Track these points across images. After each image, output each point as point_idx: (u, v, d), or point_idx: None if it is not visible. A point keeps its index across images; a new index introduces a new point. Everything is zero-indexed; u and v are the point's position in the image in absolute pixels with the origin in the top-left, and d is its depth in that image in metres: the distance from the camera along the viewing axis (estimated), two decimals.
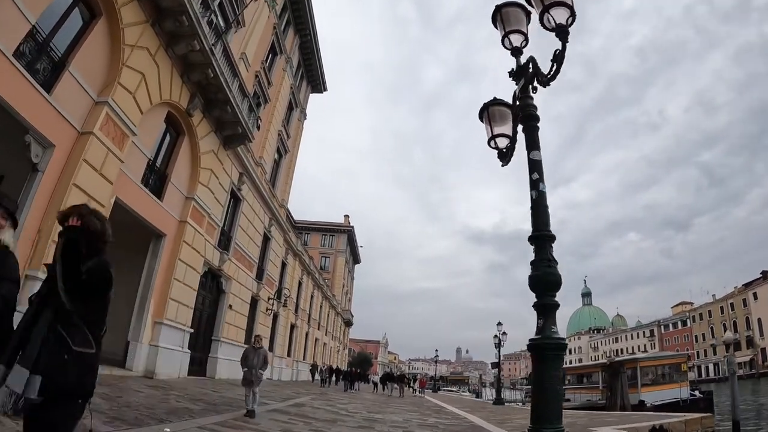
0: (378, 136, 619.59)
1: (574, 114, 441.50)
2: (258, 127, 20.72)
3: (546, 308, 3.70)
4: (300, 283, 34.99)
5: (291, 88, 28.53)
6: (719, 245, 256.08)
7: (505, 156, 4.51)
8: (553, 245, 3.85)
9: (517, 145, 4.50)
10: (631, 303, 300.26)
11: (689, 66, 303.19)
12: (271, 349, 27.09)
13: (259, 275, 22.80)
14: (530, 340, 3.71)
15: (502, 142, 4.50)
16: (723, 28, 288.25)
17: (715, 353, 75.49)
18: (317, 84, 34.66)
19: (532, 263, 3.86)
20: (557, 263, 3.78)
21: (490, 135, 4.50)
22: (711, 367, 77.29)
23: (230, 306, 18.53)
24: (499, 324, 27.01)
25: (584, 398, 26.35)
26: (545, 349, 3.60)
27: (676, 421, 10.96)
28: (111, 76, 10.68)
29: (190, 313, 15.01)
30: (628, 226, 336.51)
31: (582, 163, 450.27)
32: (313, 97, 35.28)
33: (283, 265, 29.48)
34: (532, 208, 3.97)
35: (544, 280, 3.75)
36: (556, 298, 3.75)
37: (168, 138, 14.38)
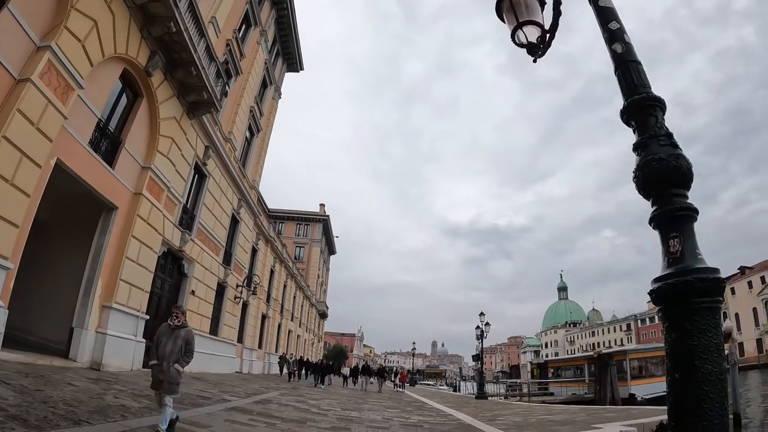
0: (357, 130, 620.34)
1: (553, 111, 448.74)
2: (226, 94, 19.32)
3: (680, 219, 2.24)
4: (272, 272, 33.54)
5: (265, 63, 27.17)
6: None
7: (536, 49, 3.29)
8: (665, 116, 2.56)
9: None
10: (606, 298, 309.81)
11: (669, 67, 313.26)
12: (240, 340, 25.70)
13: (227, 260, 21.35)
14: (658, 280, 2.20)
15: (532, 33, 3.25)
16: (703, 31, 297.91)
17: None
18: (293, 62, 33.44)
19: (637, 146, 2.54)
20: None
21: (515, 24, 3.23)
22: None
23: (193, 292, 17.09)
24: (482, 314, 26.11)
25: (570, 392, 25.70)
26: (694, 293, 2.04)
27: None
28: (57, 18, 9.26)
29: (146, 298, 13.56)
30: (604, 222, 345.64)
31: (559, 159, 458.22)
32: (292, 86, 34.05)
33: (254, 251, 28.02)
34: (619, 68, 2.74)
35: (668, 169, 2.31)
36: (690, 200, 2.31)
37: (124, 100, 12.88)
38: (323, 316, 69.91)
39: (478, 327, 26.26)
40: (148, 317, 13.58)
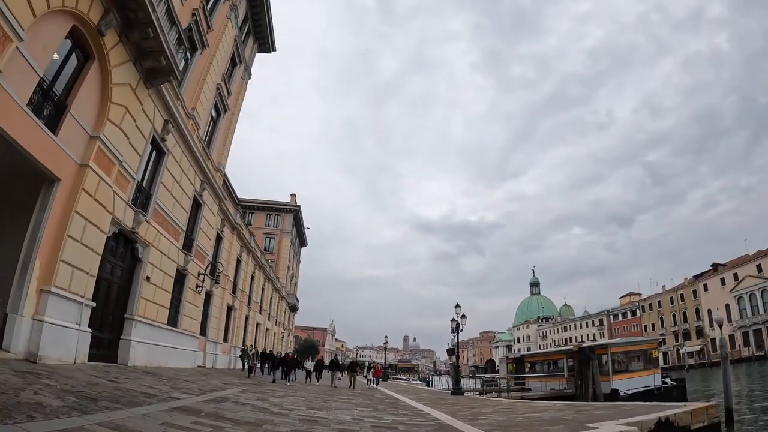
0: (329, 124, 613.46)
1: (526, 110, 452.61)
2: (188, 62, 18.11)
3: None
4: (239, 261, 32.24)
5: (235, 40, 25.94)
6: (661, 242, 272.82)
7: None
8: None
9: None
10: (576, 294, 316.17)
11: (639, 70, 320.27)
12: (204, 332, 24.48)
13: (188, 246, 20.10)
14: None
15: None
16: (674, 36, 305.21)
17: (664, 343, 77.82)
18: (265, 42, 32.28)
19: None
20: None
21: None
22: (660, 356, 79.80)
23: (148, 278, 15.85)
24: (458, 306, 25.38)
25: (548, 387, 25.24)
26: None
27: (681, 411, 9.99)
28: None
29: (92, 283, 12.34)
30: (574, 220, 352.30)
31: (530, 157, 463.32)
32: (264, 78, 32.81)
33: (219, 238, 26.76)
34: None
35: None
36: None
37: (73, 61, 11.66)
38: (294, 309, 68.68)
39: (453, 319, 25.54)
40: (94, 304, 12.39)
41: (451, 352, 36.04)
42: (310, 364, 27.94)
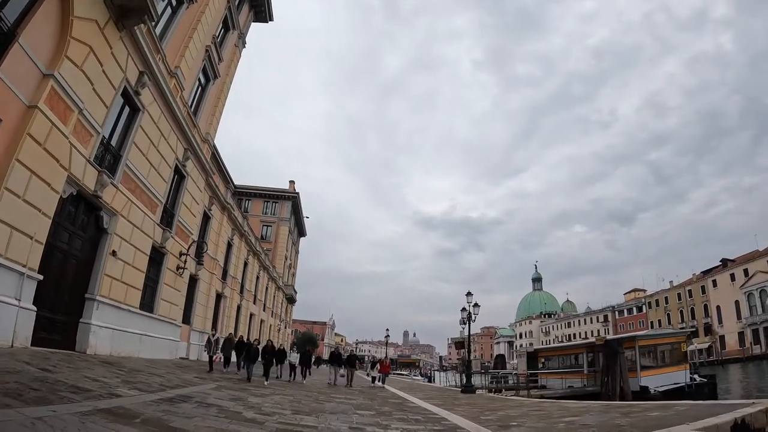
0: (333, 121, 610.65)
1: (529, 108, 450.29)
2: (171, 12, 16.03)
3: None
4: (230, 245, 30.06)
5: (228, 2, 23.72)
6: (661, 240, 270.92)
7: None
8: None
9: None
10: (576, 291, 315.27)
11: (643, 69, 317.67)
12: (188, 321, 22.35)
13: (167, 221, 17.91)
14: None
15: None
16: (679, 36, 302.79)
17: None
18: (262, 11, 30.21)
19: None
20: None
21: None
22: None
23: (114, 252, 13.66)
24: (469, 294, 23.23)
25: (566, 384, 23.09)
26: None
27: (756, 411, 8.32)
28: None
29: (39, 251, 10.15)
30: (575, 217, 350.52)
31: (533, 155, 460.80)
32: (267, 75, 30.63)
33: (207, 217, 24.60)
34: None
35: None
36: None
37: None
38: (291, 300, 66.56)
39: (464, 309, 23.42)
40: (41, 278, 10.21)
41: (460, 345, 33.95)
42: (294, 357, 21.29)
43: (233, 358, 19.21)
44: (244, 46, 28.75)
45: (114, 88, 13.07)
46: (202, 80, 22.11)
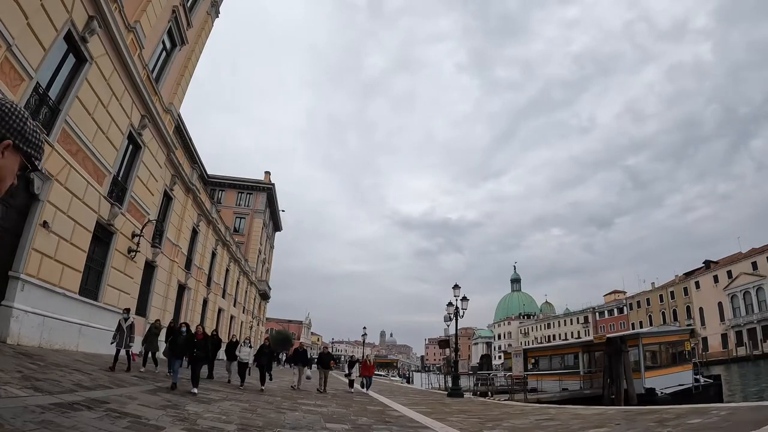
0: (313, 119, 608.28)
1: (509, 111, 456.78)
2: None
3: None
4: (195, 232, 27.77)
5: None
6: (638, 244, 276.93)
7: None
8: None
9: None
10: (554, 293, 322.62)
11: (623, 77, 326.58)
12: (143, 312, 20.10)
13: (118, 196, 15.74)
14: None
15: None
16: (659, 45, 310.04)
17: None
18: None
19: None
20: None
21: None
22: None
23: (45, 223, 11.49)
24: (456, 287, 21.43)
25: (560, 387, 21.44)
26: None
27: None
28: None
29: None
30: (553, 221, 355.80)
31: (512, 158, 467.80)
32: (252, 71, 28.39)
33: (168, 198, 22.37)
34: None
35: None
36: None
37: None
38: (265, 297, 64.13)
39: (450, 304, 21.65)
40: None
41: (444, 344, 32.12)
42: (246, 352, 15.17)
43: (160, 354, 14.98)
44: (218, 16, 26.69)
45: (55, 28, 11.05)
46: (167, 44, 19.97)
